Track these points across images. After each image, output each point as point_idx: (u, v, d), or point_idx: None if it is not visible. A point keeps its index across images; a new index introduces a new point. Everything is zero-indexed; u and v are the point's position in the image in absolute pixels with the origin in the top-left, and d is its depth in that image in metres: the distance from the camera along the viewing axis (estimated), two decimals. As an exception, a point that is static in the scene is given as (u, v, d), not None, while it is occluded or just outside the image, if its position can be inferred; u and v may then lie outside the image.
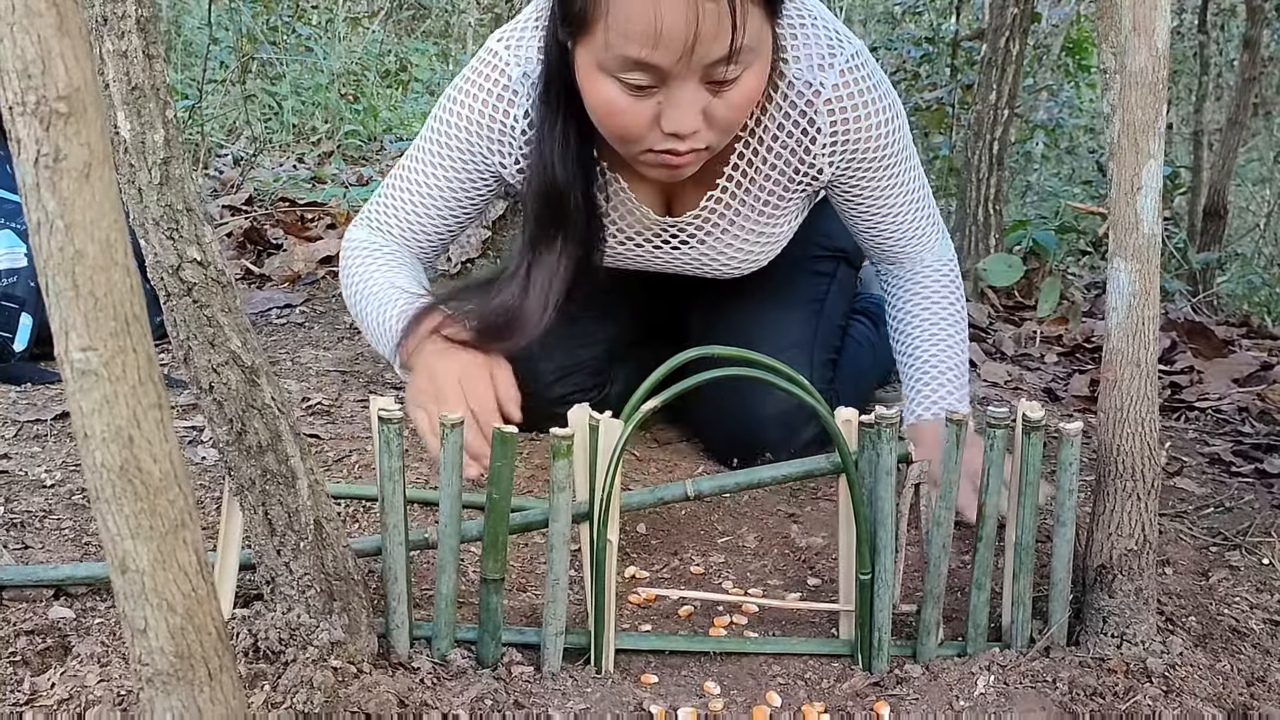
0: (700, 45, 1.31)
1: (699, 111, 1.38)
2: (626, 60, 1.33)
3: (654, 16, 1.29)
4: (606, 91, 1.38)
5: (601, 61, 1.36)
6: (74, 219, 0.64)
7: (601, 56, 1.35)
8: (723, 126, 1.42)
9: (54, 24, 0.61)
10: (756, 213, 1.66)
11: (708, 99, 1.38)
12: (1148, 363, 1.22)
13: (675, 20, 1.29)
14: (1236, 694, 1.21)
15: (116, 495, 0.70)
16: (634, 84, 1.36)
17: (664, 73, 1.34)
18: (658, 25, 1.29)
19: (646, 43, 1.31)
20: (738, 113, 1.41)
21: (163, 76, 0.96)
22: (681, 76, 1.34)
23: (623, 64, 1.34)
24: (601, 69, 1.37)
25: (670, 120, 1.38)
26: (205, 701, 0.76)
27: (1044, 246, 3.20)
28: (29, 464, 1.61)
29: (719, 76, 1.35)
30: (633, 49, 1.32)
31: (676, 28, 1.29)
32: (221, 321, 1.01)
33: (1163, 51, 1.18)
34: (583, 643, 1.23)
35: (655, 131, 1.40)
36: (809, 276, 1.86)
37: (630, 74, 1.34)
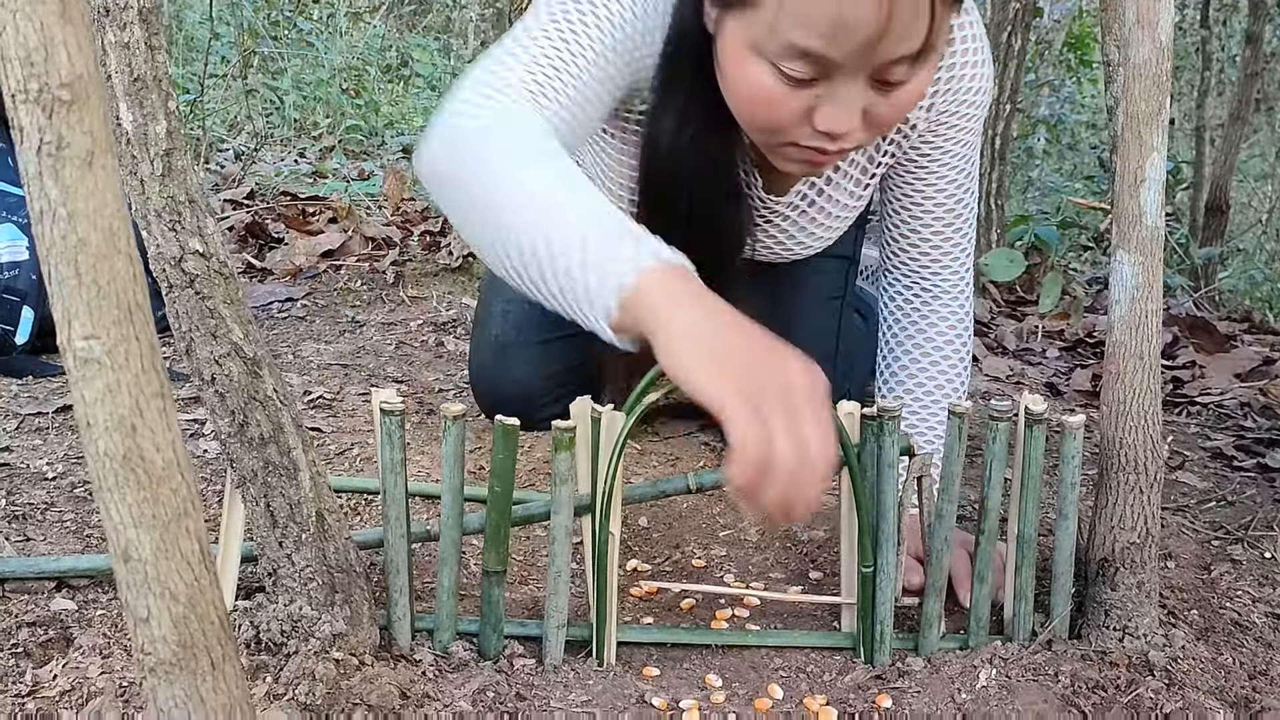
0: (886, 42, 1.13)
1: (859, 111, 1.20)
2: (793, 48, 1.14)
3: (841, 5, 1.10)
4: (758, 76, 1.19)
5: (759, 43, 1.17)
6: (77, 207, 0.64)
7: (761, 37, 1.16)
8: (881, 126, 1.25)
9: (56, 11, 0.61)
10: (847, 184, 1.54)
11: (872, 98, 1.20)
12: (1150, 355, 1.22)
13: (866, 12, 1.10)
14: (1238, 687, 1.21)
15: (119, 484, 0.70)
16: (793, 75, 1.17)
17: (833, 67, 1.16)
18: (845, 14, 1.10)
19: (826, 33, 1.12)
20: (901, 114, 1.23)
21: (165, 68, 0.96)
22: (851, 73, 1.16)
23: (787, 51, 1.15)
24: (756, 50, 1.17)
25: (826, 118, 1.20)
26: (208, 691, 0.76)
27: (1045, 242, 3.20)
28: (31, 456, 1.61)
29: (892, 77, 1.18)
30: (806, 38, 1.13)
31: (865, 20, 1.11)
32: (224, 313, 1.01)
33: (1166, 44, 1.18)
34: (584, 635, 1.23)
35: (805, 126, 1.22)
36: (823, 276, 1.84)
37: (792, 63, 1.16)
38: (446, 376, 2.09)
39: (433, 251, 2.91)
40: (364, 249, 2.92)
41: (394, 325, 2.44)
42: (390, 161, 4.05)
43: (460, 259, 2.79)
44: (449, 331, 2.39)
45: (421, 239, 3.00)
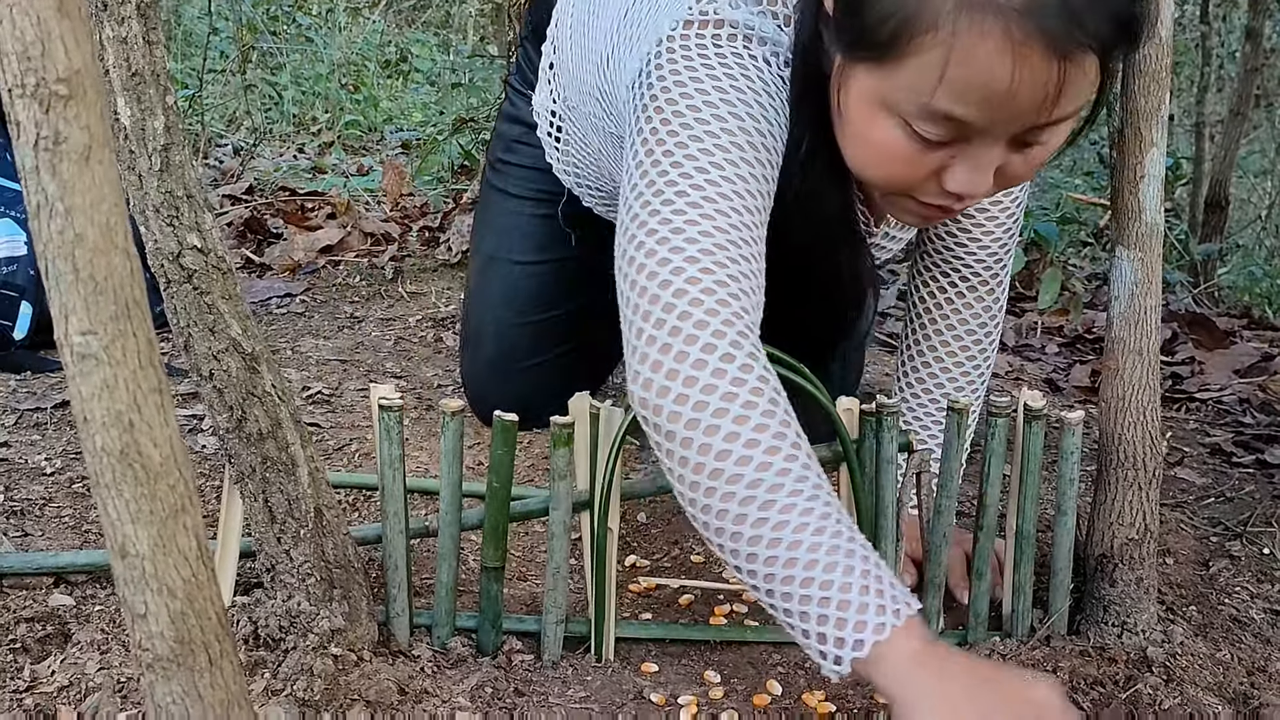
0: (1044, 109, 1.02)
1: (993, 171, 1.09)
2: (934, 112, 1.03)
3: (1008, 76, 0.98)
4: (887, 133, 1.07)
5: (894, 101, 1.05)
6: (74, 202, 0.64)
7: (898, 96, 1.04)
8: (1011, 183, 1.15)
9: (53, 5, 0.61)
10: None
11: (1008, 157, 1.08)
12: (1149, 351, 1.22)
13: (1032, 83, 0.99)
14: (1237, 683, 1.21)
15: (116, 480, 0.70)
16: (928, 136, 1.05)
17: (974, 131, 1.04)
18: (1008, 87, 0.99)
19: (983, 102, 1.01)
20: (1034, 170, 1.13)
21: (163, 62, 0.96)
22: (996, 138, 1.05)
23: (926, 114, 1.03)
24: (889, 107, 1.06)
25: (959, 181, 1.08)
26: (206, 686, 0.76)
27: (1045, 238, 3.19)
28: (29, 452, 1.61)
29: (1037, 139, 1.07)
30: (955, 104, 1.01)
31: (1030, 92, 1.00)
32: (222, 308, 1.01)
33: (1166, 39, 1.18)
34: (583, 631, 1.23)
35: (933, 184, 1.10)
36: None
37: (930, 126, 1.04)
38: (445, 372, 2.09)
39: (431, 247, 2.91)
40: (363, 244, 2.92)
41: (393, 321, 2.44)
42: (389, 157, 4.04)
43: (459, 254, 2.78)
44: (448, 327, 2.39)
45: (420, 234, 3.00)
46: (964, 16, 0.97)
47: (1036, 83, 0.99)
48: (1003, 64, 0.97)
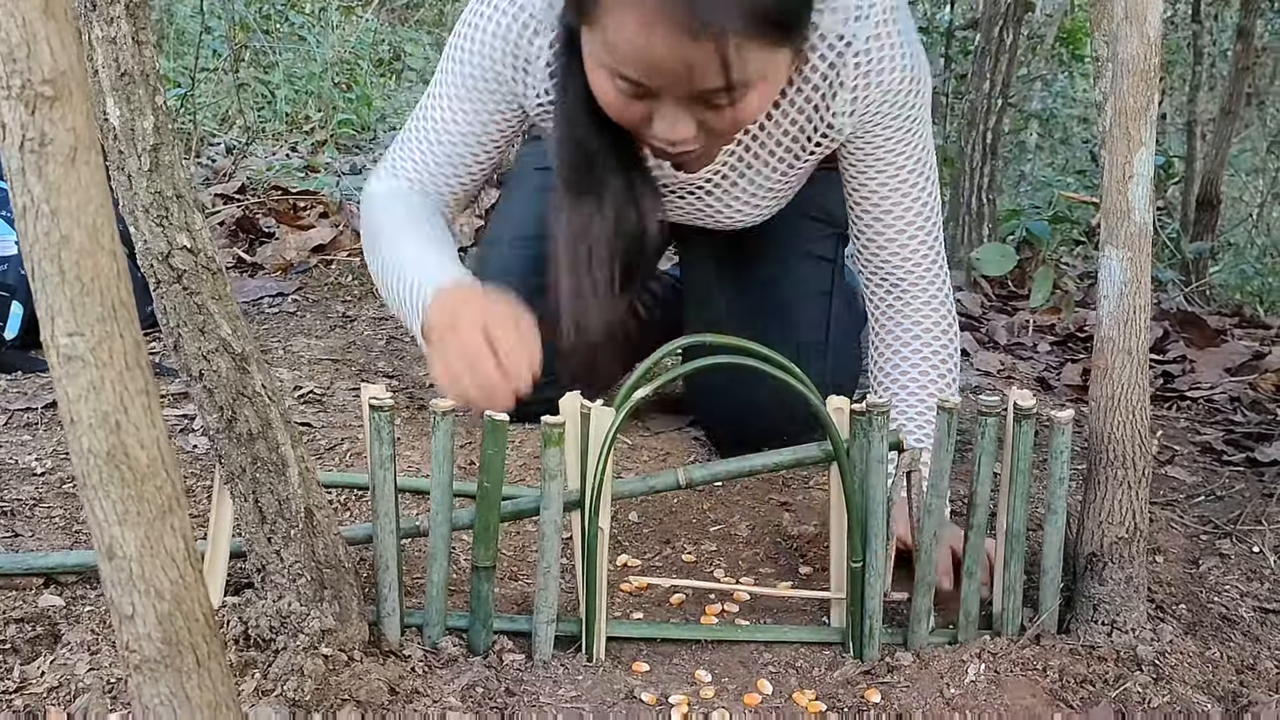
0: (690, 81, 1.27)
1: (691, 125, 1.34)
2: (615, 72, 1.30)
3: (643, 46, 1.24)
4: (603, 83, 1.34)
5: (598, 58, 1.32)
6: (60, 204, 0.64)
7: (599, 55, 1.31)
8: (723, 134, 1.38)
9: (39, 6, 0.61)
10: (770, 168, 1.60)
11: (703, 114, 1.33)
12: (1139, 351, 1.22)
13: (665, 55, 1.24)
14: (1226, 681, 1.21)
15: (103, 481, 0.69)
16: (623, 90, 1.32)
17: (650, 92, 1.30)
18: (648, 55, 1.25)
19: (636, 66, 1.27)
20: (736, 127, 1.37)
21: (152, 62, 0.96)
22: (672, 98, 1.31)
23: (613, 73, 1.30)
24: (599, 62, 1.32)
25: (660, 129, 1.34)
26: (193, 688, 0.76)
27: (1037, 236, 3.20)
28: (19, 452, 1.61)
29: (715, 101, 1.31)
30: (623, 68, 1.28)
31: (665, 62, 1.25)
32: (211, 309, 1.01)
33: (1154, 39, 1.18)
34: (574, 631, 1.23)
35: (648, 129, 1.36)
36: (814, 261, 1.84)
37: (620, 82, 1.31)
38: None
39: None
40: (355, 244, 2.92)
41: (384, 320, 2.44)
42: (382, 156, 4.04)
43: (451, 254, 2.77)
44: (440, 326, 2.38)
45: (413, 233, 3.00)
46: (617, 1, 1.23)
47: (675, 59, 1.23)
48: (642, 41, 1.23)
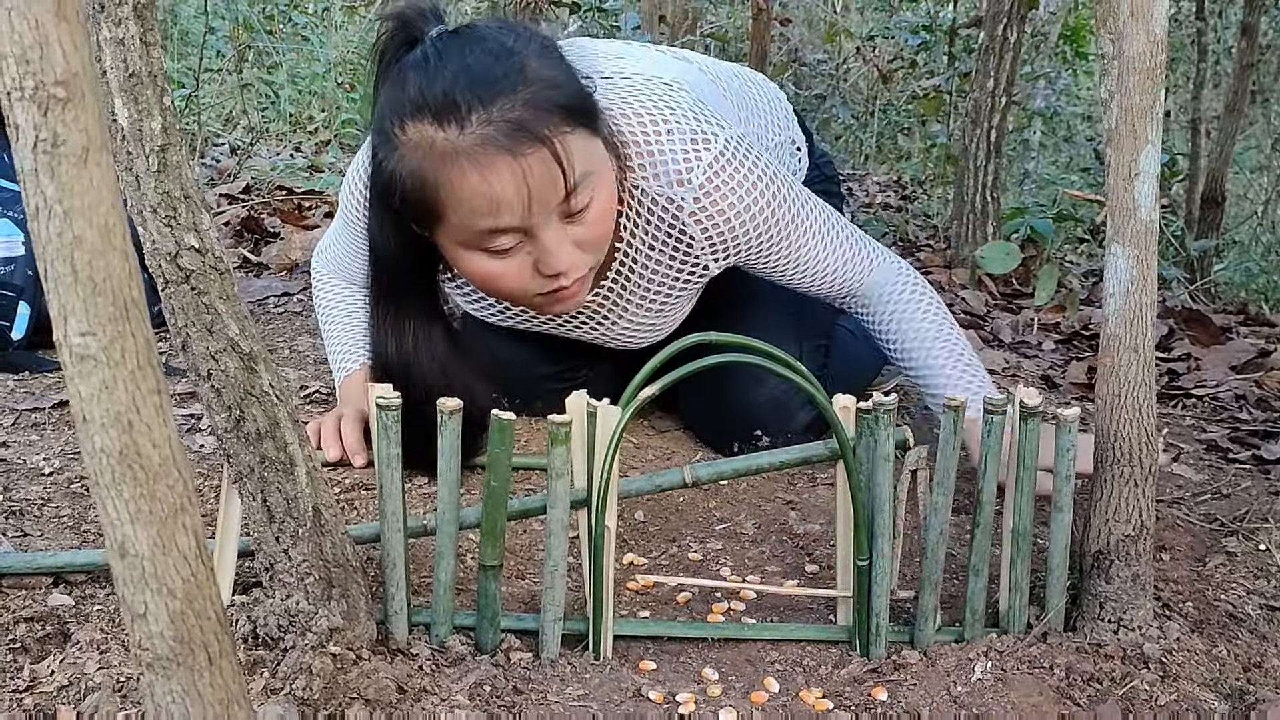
0: (539, 195, 1.37)
1: (569, 246, 1.43)
2: (483, 232, 1.39)
3: (490, 189, 1.35)
4: (479, 263, 1.44)
5: (462, 240, 1.42)
6: (72, 204, 0.64)
7: (460, 236, 1.41)
8: (594, 244, 1.47)
9: (51, 9, 0.61)
10: (649, 302, 1.69)
11: (571, 230, 1.43)
12: (1145, 348, 1.22)
13: (506, 184, 1.35)
14: (1233, 679, 1.21)
15: (116, 480, 0.70)
16: (500, 249, 1.41)
17: (522, 230, 1.40)
18: (496, 195, 1.35)
19: (492, 212, 1.37)
20: (601, 227, 1.46)
21: (160, 63, 0.96)
22: (540, 225, 1.40)
23: (482, 236, 1.40)
24: (465, 246, 1.43)
25: (547, 265, 1.43)
26: (205, 686, 0.76)
27: (1041, 234, 3.20)
28: (28, 452, 1.61)
29: (572, 209, 1.41)
30: (484, 221, 1.38)
31: (510, 190, 1.35)
32: (219, 308, 1.01)
33: (1160, 37, 1.18)
34: (581, 629, 1.24)
35: (537, 278, 1.45)
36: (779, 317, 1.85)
37: (492, 242, 1.40)
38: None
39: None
40: (360, 243, 2.92)
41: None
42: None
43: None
44: (445, 326, 2.38)
45: (417, 233, 3.00)
46: (445, 169, 1.35)
47: (508, 183, 1.35)
48: (488, 186, 1.35)
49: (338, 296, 1.83)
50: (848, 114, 5.77)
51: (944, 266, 3.33)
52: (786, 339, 1.79)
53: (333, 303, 1.84)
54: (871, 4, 6.56)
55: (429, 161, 1.36)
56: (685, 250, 1.60)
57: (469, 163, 1.35)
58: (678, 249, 1.61)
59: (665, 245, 1.60)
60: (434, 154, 1.36)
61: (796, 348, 1.79)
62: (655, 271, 1.64)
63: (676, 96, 1.58)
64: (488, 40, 1.40)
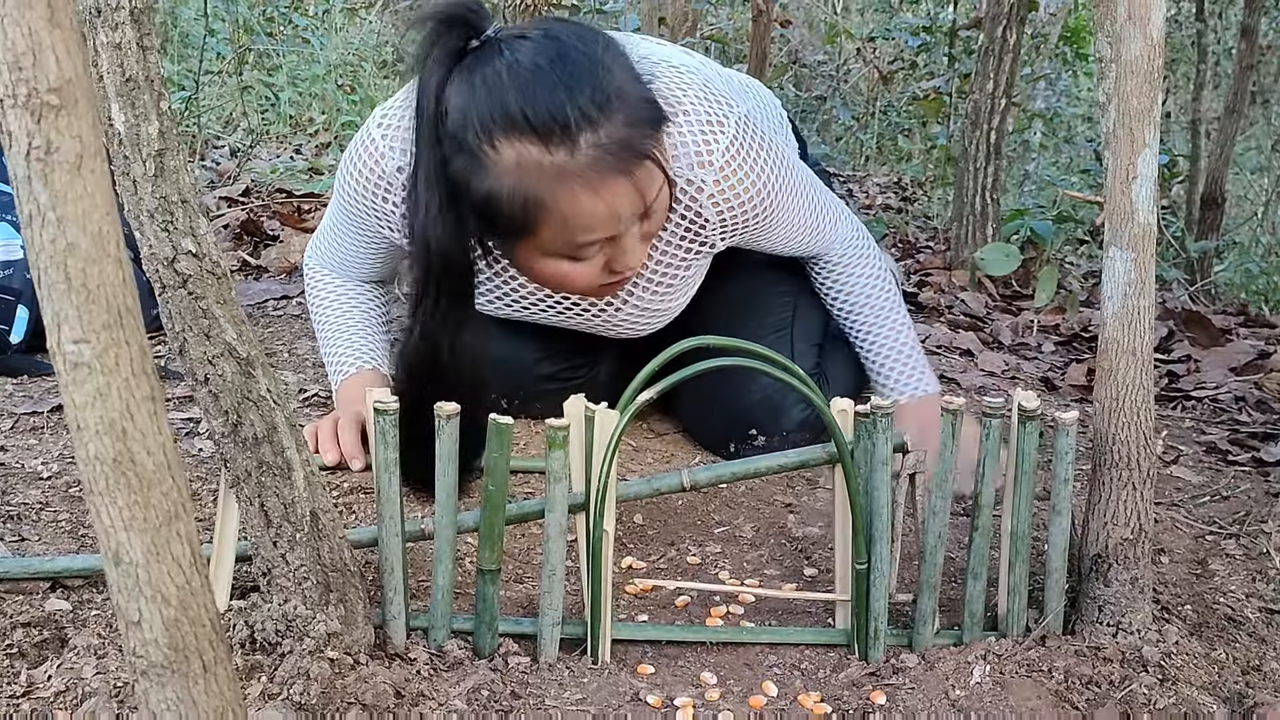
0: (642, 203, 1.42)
1: (641, 243, 1.48)
2: (579, 245, 1.42)
3: (605, 206, 1.38)
4: (558, 267, 1.47)
5: (551, 249, 1.44)
6: (66, 212, 0.64)
7: (552, 246, 1.43)
8: (654, 234, 1.52)
9: (45, 16, 0.61)
10: (656, 284, 1.69)
11: (641, 227, 1.47)
12: (1143, 351, 1.22)
13: (621, 200, 1.38)
14: (1232, 682, 1.21)
15: (110, 488, 0.70)
16: (587, 256, 1.45)
17: (613, 238, 1.44)
18: (610, 212, 1.39)
19: (602, 227, 1.40)
20: (662, 216, 1.50)
21: (157, 68, 0.96)
22: (629, 229, 1.44)
23: (576, 248, 1.43)
24: (549, 255, 1.45)
25: (623, 264, 1.48)
26: (200, 693, 0.76)
27: (1041, 235, 3.20)
28: (26, 456, 1.61)
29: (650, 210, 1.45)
30: (589, 235, 1.41)
31: (624, 205, 1.39)
32: (217, 313, 1.01)
33: (1158, 40, 1.18)
34: (579, 633, 1.23)
35: (605, 273, 1.49)
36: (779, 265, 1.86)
37: (583, 251, 1.44)
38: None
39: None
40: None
41: (389, 324, 2.44)
42: None
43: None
44: (444, 328, 2.38)
45: (417, 236, 3.00)
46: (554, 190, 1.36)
47: (624, 196, 1.39)
48: (600, 204, 1.38)
49: (335, 295, 1.80)
50: (848, 115, 5.76)
51: (944, 268, 3.32)
52: (780, 339, 1.80)
53: (329, 301, 1.80)
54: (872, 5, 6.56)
55: (537, 182, 1.36)
56: (698, 230, 1.62)
57: (580, 185, 1.36)
58: (690, 229, 1.62)
59: (679, 226, 1.62)
60: (542, 175, 1.36)
61: (789, 348, 1.80)
62: (665, 253, 1.65)
63: (686, 78, 1.59)
64: (571, 51, 1.37)
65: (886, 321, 1.79)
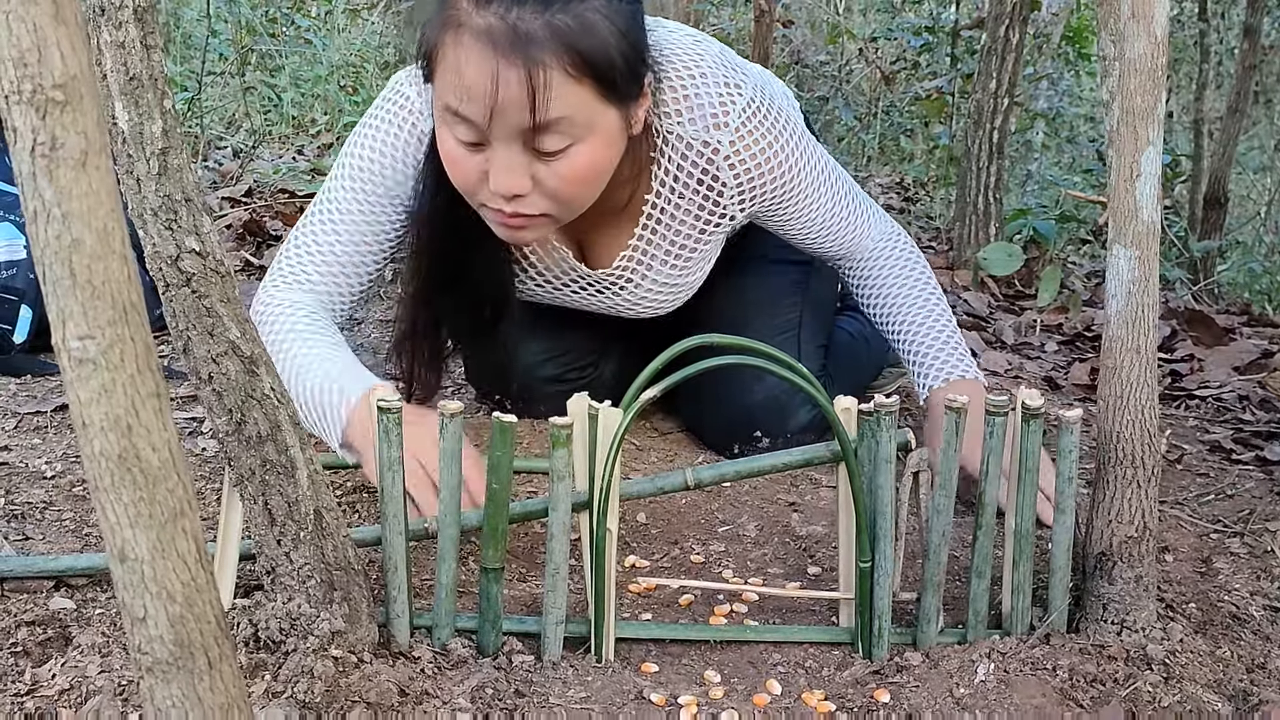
0: (502, 110, 1.33)
1: (524, 176, 1.39)
2: (449, 110, 1.37)
3: (465, 73, 1.33)
4: (446, 139, 1.41)
5: (440, 112, 1.40)
6: (71, 208, 0.64)
7: (439, 106, 1.40)
8: (556, 197, 1.42)
9: (50, 12, 0.61)
10: (674, 258, 1.68)
11: (536, 166, 1.39)
12: (1147, 349, 1.22)
13: (478, 78, 1.32)
14: (1236, 680, 1.21)
15: (115, 484, 0.70)
16: (461, 139, 1.38)
17: (480, 130, 1.36)
18: (466, 82, 1.33)
19: (458, 95, 1.35)
20: (569, 186, 1.41)
21: (161, 67, 0.96)
22: (499, 138, 1.36)
23: (450, 116, 1.37)
24: (441, 119, 1.41)
25: (493, 180, 1.39)
26: (205, 690, 0.76)
27: (1044, 235, 3.20)
28: (29, 455, 1.61)
29: (542, 146, 1.37)
30: (451, 100, 1.36)
31: (478, 86, 1.32)
32: (220, 312, 1.01)
33: (1161, 38, 1.18)
34: (583, 631, 1.23)
35: (487, 188, 1.41)
36: (789, 265, 1.86)
37: (456, 127, 1.38)
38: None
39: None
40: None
41: (390, 324, 2.44)
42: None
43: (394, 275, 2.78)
44: (447, 328, 2.38)
45: (420, 236, 3.00)
46: (449, 33, 1.33)
47: (481, 78, 1.31)
48: (471, 65, 1.32)
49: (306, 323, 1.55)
50: (850, 115, 5.76)
51: (946, 268, 3.33)
52: (788, 340, 1.80)
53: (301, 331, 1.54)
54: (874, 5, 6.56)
55: (443, 20, 1.35)
56: (716, 197, 1.61)
57: (467, 37, 1.32)
58: (708, 196, 1.61)
59: (696, 193, 1.61)
60: (450, 16, 1.34)
61: (796, 348, 1.80)
62: (684, 222, 1.64)
63: (704, 46, 1.59)
64: None
65: (923, 312, 1.72)
